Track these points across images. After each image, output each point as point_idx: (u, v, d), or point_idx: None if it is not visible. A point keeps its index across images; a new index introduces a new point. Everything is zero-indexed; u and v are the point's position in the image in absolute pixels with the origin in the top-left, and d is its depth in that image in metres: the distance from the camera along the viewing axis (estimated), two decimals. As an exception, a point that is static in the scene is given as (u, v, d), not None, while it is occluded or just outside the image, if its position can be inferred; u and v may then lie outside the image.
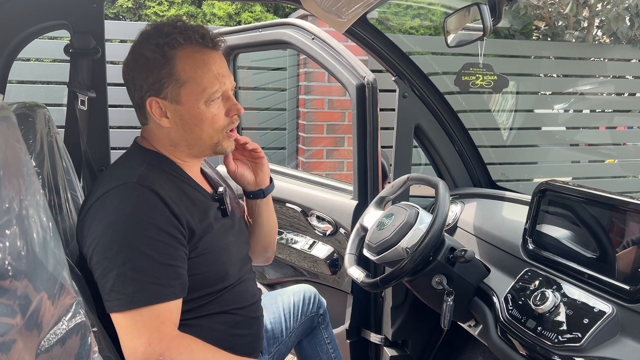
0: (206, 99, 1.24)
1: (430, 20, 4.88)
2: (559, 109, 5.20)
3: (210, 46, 1.26)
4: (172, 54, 1.21)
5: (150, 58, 1.22)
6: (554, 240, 1.41)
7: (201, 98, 1.23)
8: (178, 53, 1.22)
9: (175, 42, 1.22)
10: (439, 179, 1.57)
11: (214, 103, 1.25)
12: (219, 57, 1.28)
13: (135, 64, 1.24)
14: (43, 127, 1.32)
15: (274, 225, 1.62)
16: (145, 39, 1.24)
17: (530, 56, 5.07)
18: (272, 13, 4.59)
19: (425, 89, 1.95)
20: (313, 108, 4.14)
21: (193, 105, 1.24)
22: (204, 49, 1.25)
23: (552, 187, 1.42)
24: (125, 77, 1.28)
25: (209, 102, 1.24)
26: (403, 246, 1.51)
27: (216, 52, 1.27)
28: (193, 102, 1.23)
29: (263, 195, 1.51)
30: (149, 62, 1.22)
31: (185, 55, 1.22)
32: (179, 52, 1.22)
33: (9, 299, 0.70)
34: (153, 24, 1.28)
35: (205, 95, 1.23)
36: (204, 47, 1.25)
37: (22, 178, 0.74)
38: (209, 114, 1.25)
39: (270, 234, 1.60)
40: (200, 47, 1.24)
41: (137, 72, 1.24)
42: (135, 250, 1.12)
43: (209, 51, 1.25)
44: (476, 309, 1.53)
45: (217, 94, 1.25)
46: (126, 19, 4.45)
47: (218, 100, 1.26)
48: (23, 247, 0.72)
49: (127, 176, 1.20)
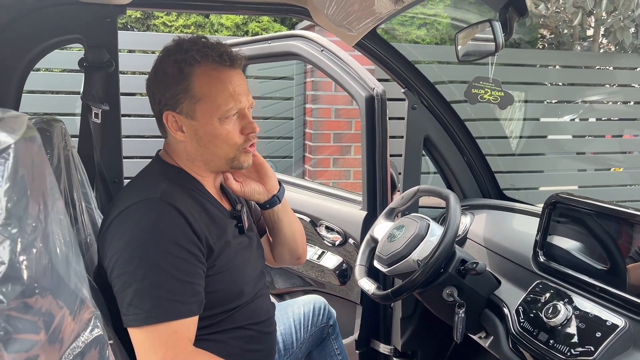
0: (220, 116, 1.25)
1: (436, 29, 4.90)
2: (565, 117, 5.21)
3: (227, 64, 1.27)
4: (189, 70, 1.24)
5: (169, 73, 1.25)
6: (564, 252, 1.42)
7: (215, 115, 1.25)
8: (195, 70, 1.24)
9: (192, 59, 1.24)
10: (449, 191, 1.58)
11: (229, 120, 1.27)
12: (236, 75, 1.29)
13: (156, 79, 1.27)
14: (60, 141, 1.34)
15: (297, 226, 1.60)
16: (166, 54, 1.28)
17: (536, 65, 5.08)
18: (279, 23, 4.62)
19: (434, 100, 1.96)
20: (320, 117, 4.16)
21: (207, 122, 1.25)
22: (221, 67, 1.26)
23: (563, 199, 1.43)
24: (147, 90, 1.32)
25: (223, 119, 1.26)
26: (414, 258, 1.51)
27: (234, 70, 1.29)
28: (207, 118, 1.25)
29: (278, 201, 1.50)
30: (167, 78, 1.25)
31: (202, 72, 1.24)
32: (196, 69, 1.24)
33: (34, 316, 0.71)
34: (176, 39, 1.30)
35: (219, 112, 1.25)
36: (221, 65, 1.26)
37: (47, 196, 0.75)
38: (223, 130, 1.26)
39: (294, 237, 1.58)
40: (217, 65, 1.26)
41: (157, 87, 1.27)
42: (154, 266, 1.13)
43: (226, 69, 1.27)
44: (487, 321, 1.53)
45: (231, 111, 1.26)
46: (135, 29, 4.49)
47: (233, 118, 1.27)
48: (48, 264, 0.74)
49: (149, 192, 1.21)
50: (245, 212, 1.40)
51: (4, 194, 0.63)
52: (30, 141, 0.72)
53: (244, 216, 1.38)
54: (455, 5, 4.96)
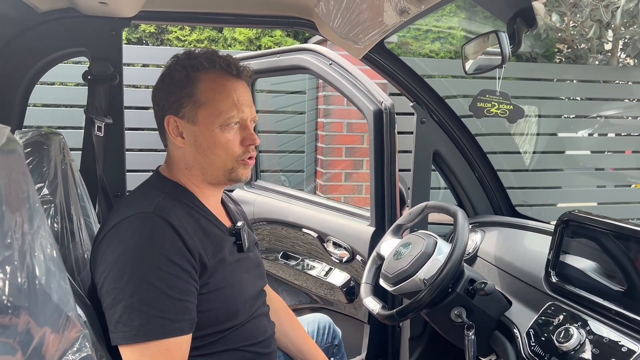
0: (221, 123, 1.24)
1: (450, 43, 4.86)
2: (583, 132, 5.11)
3: (234, 73, 1.27)
4: (195, 75, 1.25)
5: (175, 78, 1.26)
6: (578, 272, 1.35)
7: (216, 121, 1.24)
8: (201, 76, 1.25)
9: (200, 65, 1.25)
10: (457, 207, 1.53)
11: (229, 129, 1.25)
12: (241, 85, 1.28)
13: (162, 84, 1.29)
14: (57, 154, 1.33)
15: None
16: (175, 61, 1.29)
17: (553, 79, 5.00)
18: (292, 37, 4.63)
19: (443, 115, 1.92)
20: (332, 131, 4.14)
21: (208, 127, 1.24)
22: (228, 75, 1.27)
23: (575, 217, 1.37)
24: (152, 97, 1.33)
25: (224, 126, 1.24)
26: (420, 277, 1.46)
27: (239, 80, 1.29)
28: (208, 124, 1.24)
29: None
30: (173, 82, 1.26)
31: (207, 78, 1.25)
32: (203, 74, 1.25)
33: (8, 337, 0.68)
34: (187, 50, 1.32)
35: (220, 119, 1.24)
36: (227, 73, 1.27)
37: (26, 211, 0.73)
38: (223, 138, 1.24)
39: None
40: (223, 74, 1.26)
41: (162, 91, 1.28)
42: (144, 282, 1.10)
43: (232, 78, 1.27)
44: (497, 343, 1.47)
45: (232, 119, 1.24)
46: (149, 43, 4.53)
47: (234, 127, 1.26)
48: (25, 281, 0.71)
49: (143, 206, 1.19)
50: (246, 230, 1.37)
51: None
52: (9, 154, 0.69)
53: (244, 234, 1.34)
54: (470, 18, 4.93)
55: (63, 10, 1.57)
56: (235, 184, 1.34)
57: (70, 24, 1.59)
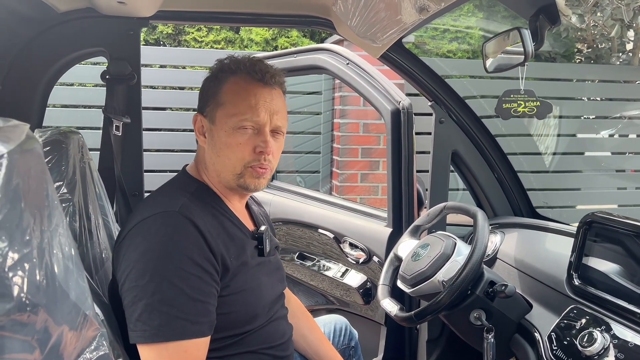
0: (234, 124, 1.23)
1: (468, 43, 4.82)
2: (604, 133, 5.03)
3: (257, 78, 1.27)
4: (222, 77, 1.28)
5: (209, 80, 1.31)
6: (601, 275, 1.32)
7: (230, 122, 1.24)
8: (228, 78, 1.27)
9: (227, 67, 1.28)
10: (477, 208, 1.51)
11: (242, 132, 1.24)
12: (265, 91, 1.27)
13: (202, 85, 1.33)
14: (76, 153, 1.33)
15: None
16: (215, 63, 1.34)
17: (573, 79, 4.93)
18: (309, 38, 4.63)
19: (462, 114, 1.90)
20: (348, 132, 4.12)
21: (222, 127, 1.25)
22: (251, 79, 1.27)
23: (599, 219, 1.34)
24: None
25: (236, 128, 1.23)
26: (439, 279, 1.44)
27: (265, 86, 1.28)
28: (223, 124, 1.24)
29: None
30: (206, 83, 1.32)
31: (232, 81, 1.27)
32: (229, 77, 1.27)
33: (26, 335, 0.68)
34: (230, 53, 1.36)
35: (234, 120, 1.23)
36: (251, 77, 1.27)
37: (44, 209, 0.72)
38: (235, 141, 1.24)
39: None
40: (247, 77, 1.27)
41: (200, 92, 1.33)
42: (166, 281, 1.09)
43: (254, 82, 1.27)
44: (517, 347, 1.45)
45: (246, 122, 1.23)
46: (166, 44, 4.56)
47: (248, 132, 1.24)
48: (43, 279, 0.70)
49: (168, 204, 1.19)
50: (268, 234, 1.36)
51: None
52: (29, 152, 0.69)
53: (266, 238, 1.33)
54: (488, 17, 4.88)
55: (82, 10, 1.58)
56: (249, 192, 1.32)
57: (89, 24, 1.60)
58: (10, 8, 1.41)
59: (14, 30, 1.51)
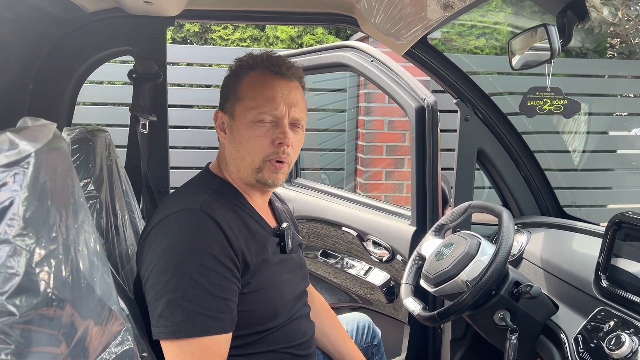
0: (253, 117, 1.24)
1: (495, 39, 4.74)
2: (636, 131, 4.89)
3: (274, 71, 1.27)
4: (241, 72, 1.29)
5: (230, 76, 1.32)
6: (631, 277, 1.29)
7: (248, 115, 1.24)
8: (247, 73, 1.28)
9: (246, 63, 1.29)
10: (502, 207, 1.49)
11: (261, 125, 1.24)
12: (283, 83, 1.27)
13: (223, 82, 1.34)
14: (103, 150, 1.36)
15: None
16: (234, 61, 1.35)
17: (604, 75, 4.81)
18: (334, 35, 4.62)
19: (488, 112, 1.87)
20: (372, 129, 4.10)
21: (241, 122, 1.25)
22: (269, 73, 1.27)
23: (628, 219, 1.30)
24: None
25: (255, 121, 1.24)
26: (463, 279, 1.43)
27: (283, 79, 1.28)
28: (242, 118, 1.25)
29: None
30: (226, 79, 1.33)
31: (252, 76, 1.28)
32: (248, 72, 1.28)
33: (53, 329, 0.70)
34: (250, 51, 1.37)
35: (253, 113, 1.24)
36: (269, 71, 1.27)
37: (71, 206, 0.74)
38: (253, 134, 1.24)
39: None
40: (265, 71, 1.28)
41: (221, 88, 1.34)
42: (188, 277, 1.11)
43: (272, 75, 1.27)
44: (542, 348, 1.42)
45: (265, 115, 1.23)
46: (193, 42, 4.61)
47: (267, 125, 1.24)
48: (69, 275, 0.72)
49: (191, 201, 1.20)
50: (290, 231, 1.36)
51: (21, 203, 0.62)
52: (56, 150, 0.71)
53: (288, 235, 1.33)
54: (517, 13, 4.80)
55: (110, 10, 1.61)
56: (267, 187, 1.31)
57: (116, 24, 1.63)
58: (41, 9, 1.44)
59: (44, 31, 1.55)
